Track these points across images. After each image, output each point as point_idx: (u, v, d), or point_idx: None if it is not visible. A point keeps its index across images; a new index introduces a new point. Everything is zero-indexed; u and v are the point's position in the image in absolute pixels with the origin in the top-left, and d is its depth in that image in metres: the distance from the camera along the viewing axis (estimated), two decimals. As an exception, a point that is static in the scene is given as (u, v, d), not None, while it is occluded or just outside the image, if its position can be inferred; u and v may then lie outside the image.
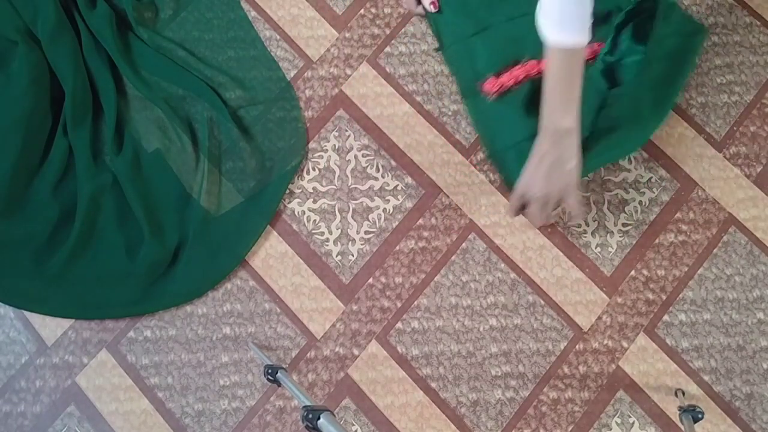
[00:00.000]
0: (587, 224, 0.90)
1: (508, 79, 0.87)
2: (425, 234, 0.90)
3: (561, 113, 0.67)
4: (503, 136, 0.87)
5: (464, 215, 0.91)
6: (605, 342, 0.87)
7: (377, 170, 0.93)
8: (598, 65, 0.86)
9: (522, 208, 0.79)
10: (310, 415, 0.54)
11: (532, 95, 0.85)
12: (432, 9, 0.91)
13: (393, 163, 0.93)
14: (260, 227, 0.89)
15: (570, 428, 0.85)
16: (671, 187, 0.91)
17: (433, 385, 0.86)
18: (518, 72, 0.88)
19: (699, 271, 0.89)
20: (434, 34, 0.95)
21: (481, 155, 0.92)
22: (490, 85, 0.88)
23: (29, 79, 0.88)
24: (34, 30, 0.91)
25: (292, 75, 0.96)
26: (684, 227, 0.90)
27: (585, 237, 0.90)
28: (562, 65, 0.66)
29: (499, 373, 0.87)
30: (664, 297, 0.88)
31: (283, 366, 0.76)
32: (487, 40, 0.90)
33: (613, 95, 0.83)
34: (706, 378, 0.86)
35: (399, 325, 0.88)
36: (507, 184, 0.85)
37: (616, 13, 0.89)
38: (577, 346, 0.87)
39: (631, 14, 0.87)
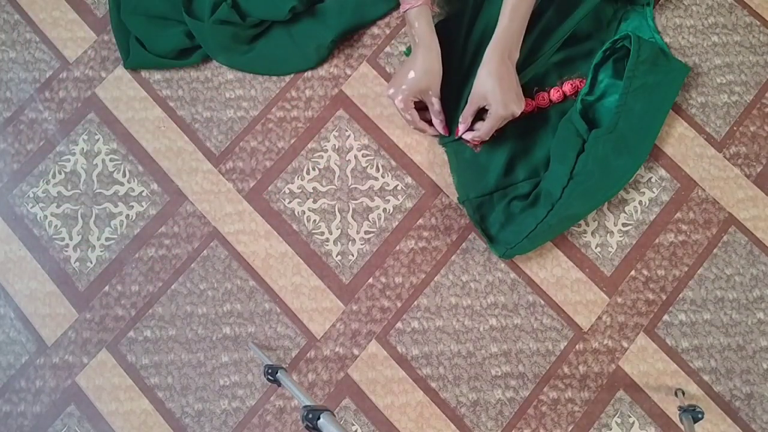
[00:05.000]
0: (587, 224, 0.90)
1: None
2: (425, 234, 0.90)
3: (516, 45, 0.83)
4: (479, 186, 0.88)
5: (463, 215, 0.91)
6: (605, 342, 0.87)
7: (377, 170, 0.93)
8: (578, 106, 0.87)
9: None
10: (310, 415, 0.54)
11: (513, 154, 0.88)
12: (434, 132, 0.91)
13: (393, 163, 0.93)
14: None
15: (570, 428, 0.85)
16: (671, 187, 0.91)
17: (433, 385, 0.86)
18: None
19: (699, 271, 0.89)
20: None
21: (481, 155, 0.92)
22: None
23: None
24: None
25: (292, 75, 0.96)
26: (684, 227, 0.90)
27: (585, 237, 0.90)
28: (528, 7, 0.82)
29: (499, 373, 0.87)
30: (664, 297, 0.88)
31: (283, 366, 0.76)
32: (470, 89, 0.90)
33: (594, 137, 0.83)
34: (706, 378, 0.86)
35: (399, 325, 0.88)
36: (481, 231, 0.86)
37: (598, 48, 0.89)
38: (577, 346, 0.87)
39: (609, 53, 0.89)
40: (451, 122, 0.90)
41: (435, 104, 0.86)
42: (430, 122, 0.90)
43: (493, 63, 0.82)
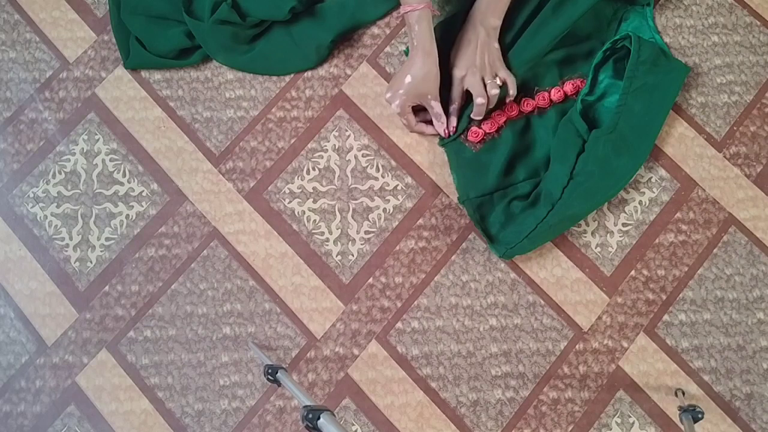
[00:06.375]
0: (587, 224, 0.90)
1: (490, 127, 0.88)
2: (425, 234, 0.90)
3: (492, 13, 0.86)
4: (479, 186, 0.88)
5: (463, 215, 0.91)
6: (605, 342, 0.87)
7: (377, 170, 0.93)
8: (578, 106, 0.87)
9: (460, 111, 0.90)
10: (310, 415, 0.54)
11: (513, 154, 0.88)
12: (432, 131, 0.92)
13: (393, 163, 0.93)
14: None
15: (570, 428, 0.85)
16: (671, 187, 0.91)
17: (433, 385, 0.86)
18: (499, 117, 0.89)
19: (699, 271, 0.89)
20: None
21: (481, 155, 0.92)
22: (474, 136, 0.88)
23: None
24: None
25: (292, 75, 0.96)
26: (684, 227, 0.90)
27: (585, 237, 0.90)
28: None
29: (499, 373, 0.87)
30: (664, 297, 0.88)
31: (283, 366, 0.76)
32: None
33: (594, 137, 0.83)
34: (706, 378, 0.86)
35: (399, 325, 0.88)
36: (481, 231, 0.87)
37: (599, 48, 0.89)
38: (577, 346, 0.87)
39: (609, 53, 0.89)
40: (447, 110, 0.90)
41: (435, 107, 0.87)
42: (429, 122, 0.90)
43: (464, 30, 0.88)
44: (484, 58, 0.86)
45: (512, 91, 0.87)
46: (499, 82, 0.86)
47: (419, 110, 0.90)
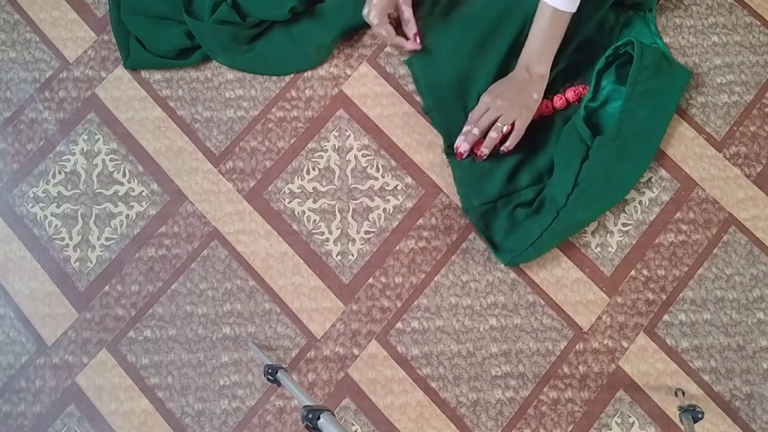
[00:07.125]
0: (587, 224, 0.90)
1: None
2: (425, 234, 0.90)
3: (537, 61, 0.84)
4: (482, 193, 0.87)
5: (464, 215, 0.91)
6: (605, 342, 0.87)
7: (377, 170, 0.93)
8: (581, 112, 0.87)
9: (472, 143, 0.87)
10: (310, 415, 0.54)
11: (516, 161, 0.88)
12: (414, 46, 0.91)
13: (393, 163, 0.93)
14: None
15: (570, 428, 0.85)
16: (671, 187, 0.91)
17: (433, 385, 0.86)
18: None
19: (699, 271, 0.89)
20: (419, 93, 0.94)
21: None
22: (477, 147, 0.88)
23: None
24: None
25: (292, 75, 0.96)
26: (684, 227, 0.90)
27: (585, 237, 0.90)
28: (549, 23, 0.81)
29: (499, 373, 0.87)
30: (664, 297, 0.88)
31: (283, 366, 0.76)
32: (470, 102, 0.90)
33: (598, 143, 0.83)
34: (706, 378, 0.86)
35: (399, 325, 0.88)
36: (486, 239, 0.86)
37: (601, 54, 0.89)
38: (577, 346, 0.87)
39: (611, 59, 0.88)
40: (456, 122, 0.89)
41: (405, 12, 0.88)
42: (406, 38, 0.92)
43: (514, 71, 0.86)
44: (515, 101, 0.83)
45: (509, 144, 0.85)
46: (505, 130, 0.84)
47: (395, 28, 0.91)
